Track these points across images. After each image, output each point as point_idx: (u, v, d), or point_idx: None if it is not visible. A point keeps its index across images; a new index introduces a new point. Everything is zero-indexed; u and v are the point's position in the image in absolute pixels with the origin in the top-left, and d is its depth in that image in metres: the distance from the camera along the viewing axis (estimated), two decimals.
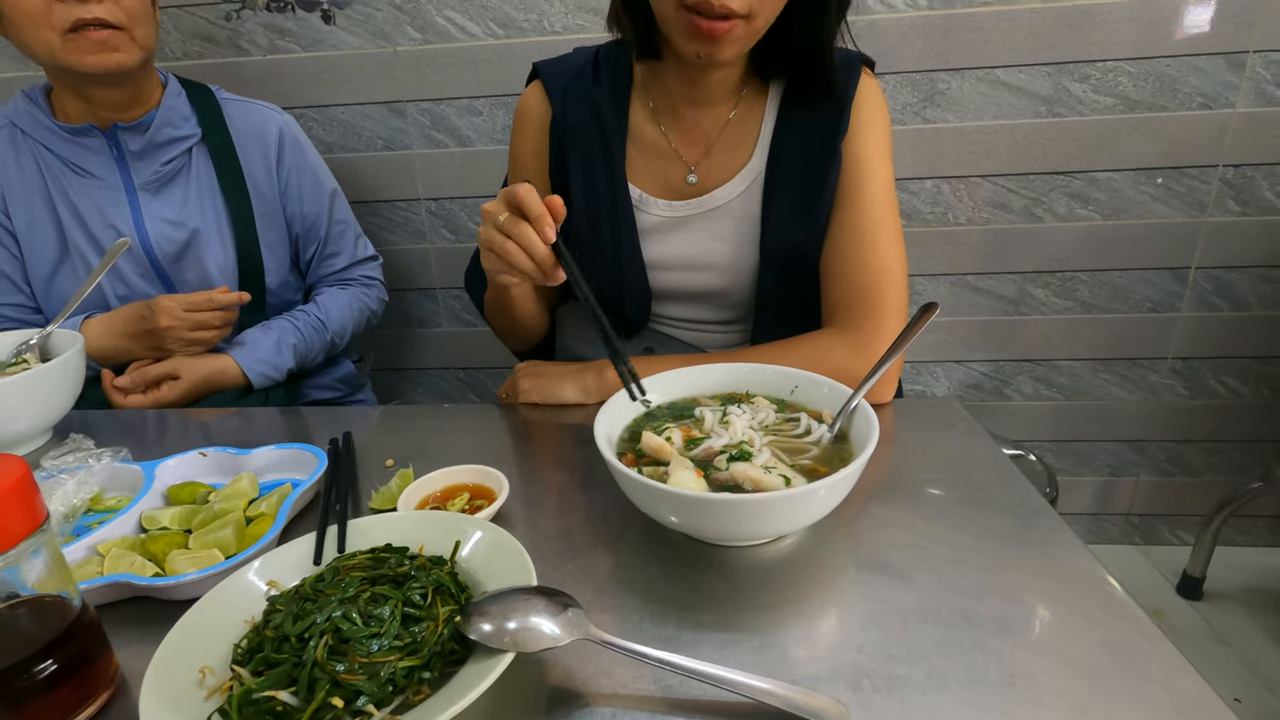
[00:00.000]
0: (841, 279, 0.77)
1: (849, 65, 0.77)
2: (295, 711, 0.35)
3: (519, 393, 0.77)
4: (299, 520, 0.57)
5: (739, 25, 0.67)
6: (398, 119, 1.32)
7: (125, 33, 0.90)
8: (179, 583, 0.46)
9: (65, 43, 0.88)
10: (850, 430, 0.54)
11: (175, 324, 0.93)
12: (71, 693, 0.39)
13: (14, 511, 0.35)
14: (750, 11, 0.66)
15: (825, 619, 0.45)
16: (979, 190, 1.27)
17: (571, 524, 0.55)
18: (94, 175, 0.98)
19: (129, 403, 0.92)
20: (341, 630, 0.37)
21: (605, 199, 0.83)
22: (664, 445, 0.52)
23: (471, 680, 0.36)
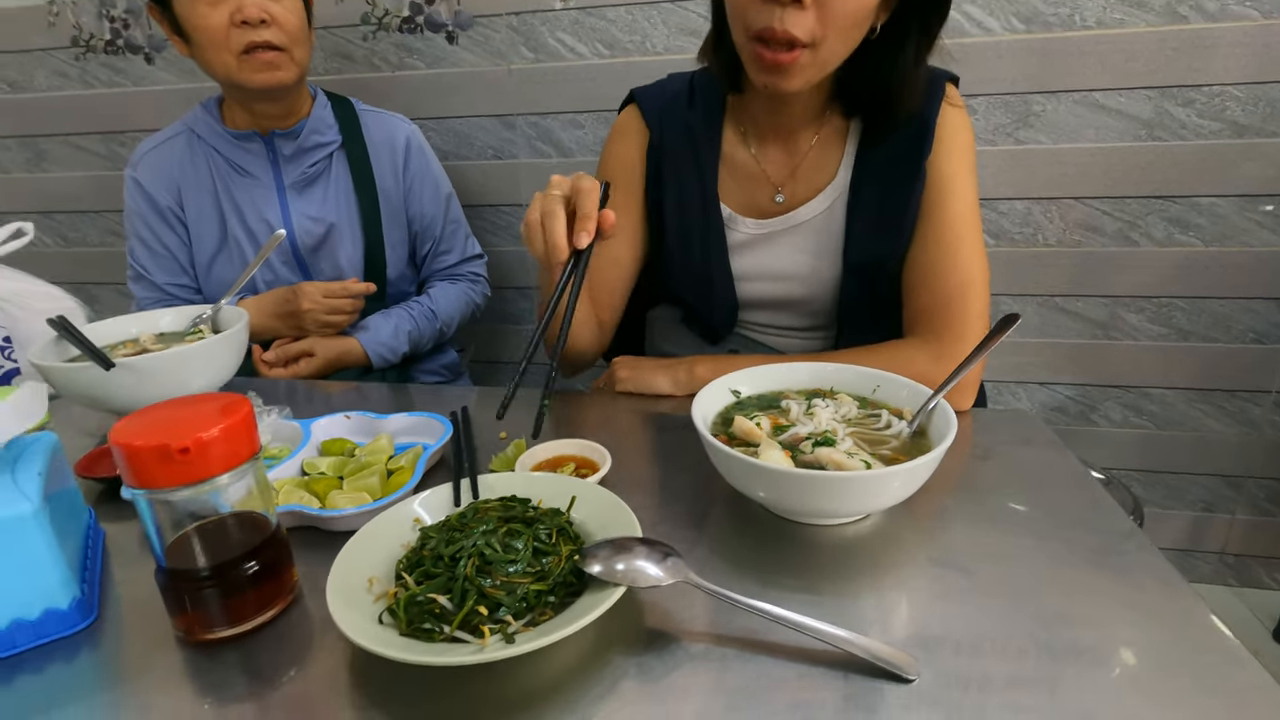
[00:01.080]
0: (924, 291, 0.80)
1: (932, 84, 0.80)
2: (449, 614, 0.42)
3: (616, 381, 0.84)
4: (428, 477, 0.65)
5: (804, 55, 0.69)
6: (507, 130, 1.43)
7: (287, 53, 1.04)
8: (342, 515, 0.55)
9: (239, 63, 1.02)
10: (929, 427, 0.59)
11: (314, 308, 1.06)
12: (267, 591, 0.48)
13: (242, 438, 0.44)
14: (814, 40, 0.68)
15: (899, 596, 0.49)
16: (1071, 212, 1.27)
17: (663, 498, 0.62)
18: (252, 175, 1.13)
19: (272, 374, 1.05)
20: (485, 555, 0.45)
21: (697, 217, 0.89)
22: (754, 429, 0.58)
23: (589, 606, 0.43)
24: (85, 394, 0.73)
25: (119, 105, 1.59)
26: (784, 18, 0.67)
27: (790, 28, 0.67)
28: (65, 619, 0.47)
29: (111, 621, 0.49)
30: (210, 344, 0.79)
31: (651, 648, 0.45)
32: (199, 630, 0.46)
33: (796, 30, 0.67)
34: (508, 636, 0.41)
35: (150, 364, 0.74)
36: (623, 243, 0.93)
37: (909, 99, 0.78)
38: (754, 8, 0.68)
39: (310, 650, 0.46)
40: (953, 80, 0.84)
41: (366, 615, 0.43)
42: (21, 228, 0.94)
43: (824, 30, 0.68)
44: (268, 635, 0.47)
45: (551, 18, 1.33)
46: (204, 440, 0.42)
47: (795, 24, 0.67)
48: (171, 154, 1.14)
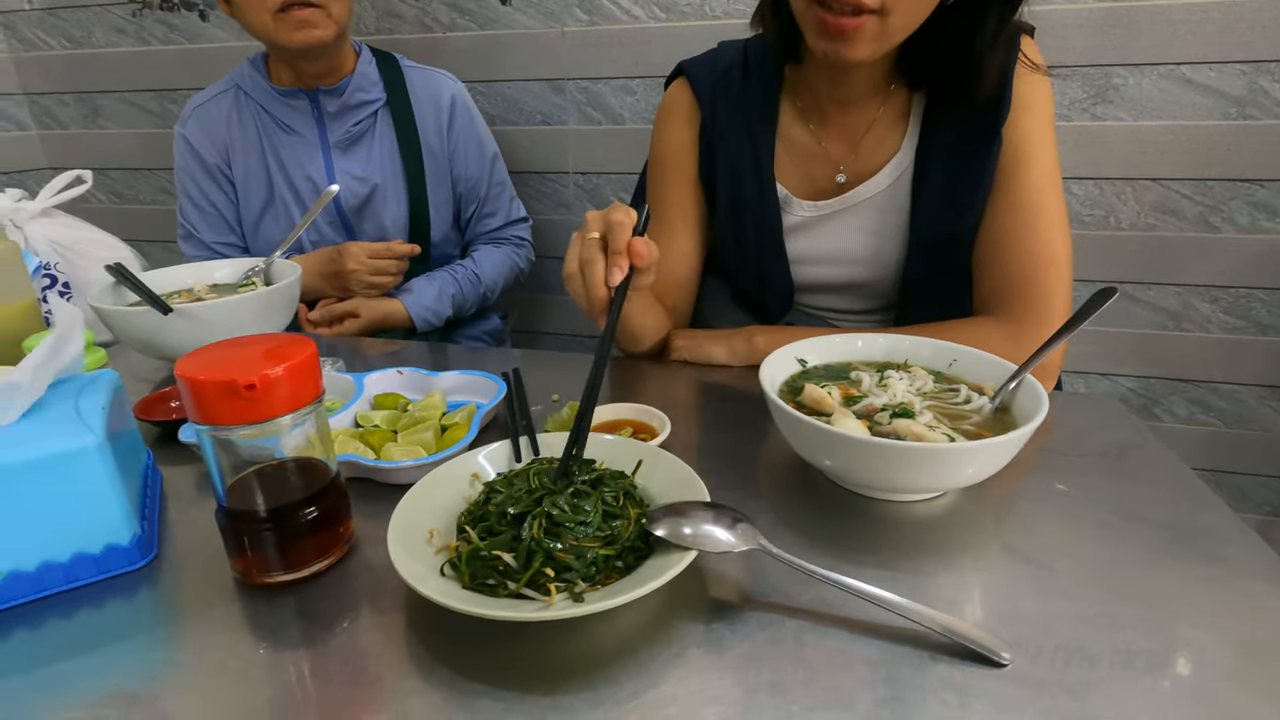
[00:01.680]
0: (999, 267, 0.76)
1: (1007, 41, 0.72)
2: (514, 572, 0.41)
3: (672, 350, 0.82)
4: (481, 436, 0.64)
5: (870, 21, 0.64)
6: (557, 95, 1.40)
7: (323, 10, 1.02)
8: (399, 466, 0.54)
9: (275, 21, 1.01)
10: (1013, 404, 0.55)
11: (359, 268, 1.05)
12: (325, 539, 0.47)
13: (307, 379, 0.43)
14: (883, 6, 0.63)
15: (977, 579, 0.46)
16: (1147, 194, 1.20)
17: (723, 466, 0.59)
18: (298, 133, 1.12)
19: (317, 334, 1.05)
20: (553, 515, 0.43)
21: (752, 200, 0.85)
22: (826, 397, 0.55)
23: (657, 570, 0.41)
24: (142, 339, 0.73)
25: (173, 62, 1.60)
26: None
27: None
28: (126, 555, 0.47)
29: (170, 561, 0.49)
30: (265, 294, 0.79)
31: (720, 616, 0.43)
32: (257, 573, 0.45)
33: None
34: (575, 595, 0.40)
35: (206, 311, 0.73)
36: (683, 232, 0.89)
37: (988, 75, 0.71)
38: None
39: (367, 600, 0.45)
40: (1027, 31, 0.76)
41: (428, 566, 0.42)
42: (81, 175, 0.95)
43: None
44: (324, 583, 0.46)
45: None
46: (270, 378, 0.40)
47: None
48: (219, 110, 1.14)
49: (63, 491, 0.44)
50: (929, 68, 0.75)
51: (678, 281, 0.90)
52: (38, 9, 1.63)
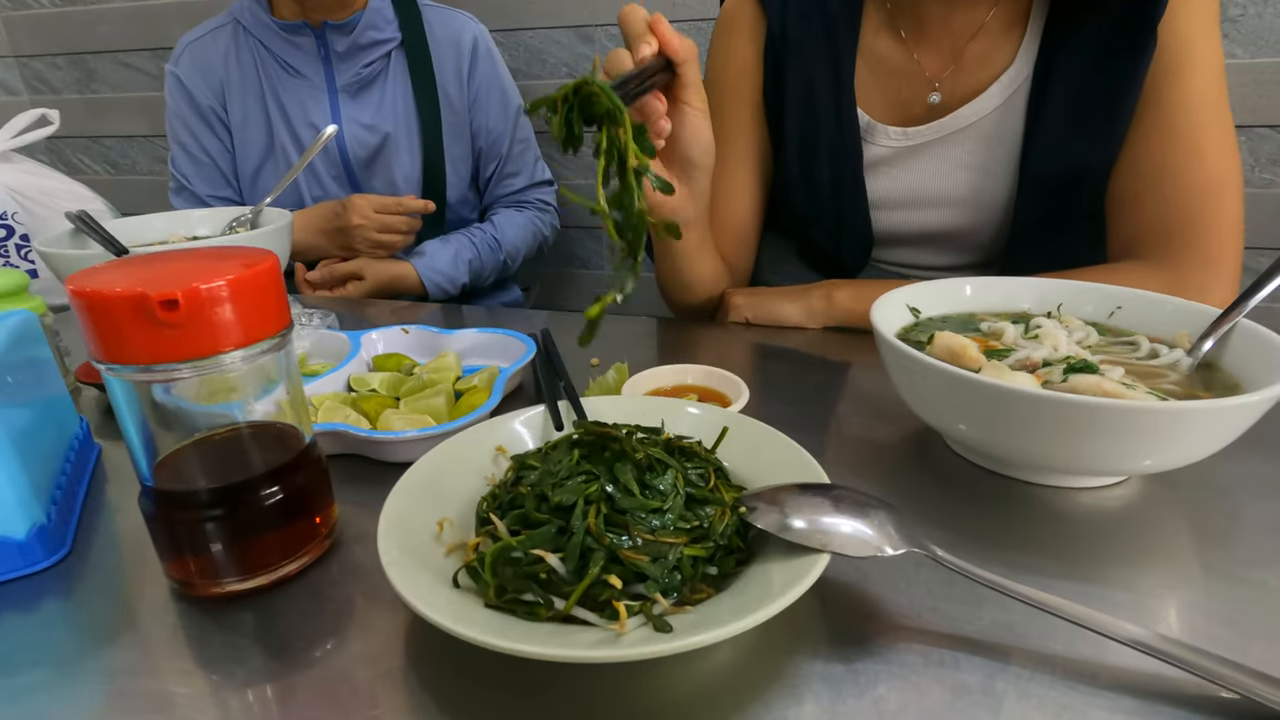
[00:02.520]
0: (1152, 200, 0.61)
1: None
2: (561, 580, 0.27)
3: (731, 310, 0.68)
4: (505, 405, 0.51)
5: None
6: (585, 44, 1.27)
7: None
8: (400, 438, 0.41)
9: None
10: (1221, 360, 0.41)
11: (365, 223, 0.93)
12: (296, 531, 0.34)
13: (265, 300, 0.30)
14: None
15: (1226, 594, 0.33)
16: (1264, 144, 1.05)
17: (821, 445, 0.46)
18: (302, 74, 0.99)
19: (317, 297, 0.92)
20: (615, 498, 0.29)
21: (828, 128, 0.71)
22: (968, 347, 0.41)
23: (767, 581, 0.28)
24: None
25: (171, 16, 1.48)
26: None
27: None
28: (22, 552, 0.34)
29: (91, 562, 0.36)
30: (242, 239, 0.66)
31: (860, 647, 0.29)
32: (200, 581, 0.33)
33: None
34: (656, 621, 0.26)
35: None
36: (743, 169, 0.76)
37: None
38: None
39: (353, 618, 0.32)
40: None
41: (436, 574, 0.29)
42: (47, 114, 0.83)
43: None
44: (296, 592, 0.33)
45: None
46: (201, 294, 0.27)
47: None
48: (215, 47, 1.01)
49: None
50: None
51: (736, 228, 0.76)
52: None
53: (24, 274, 0.52)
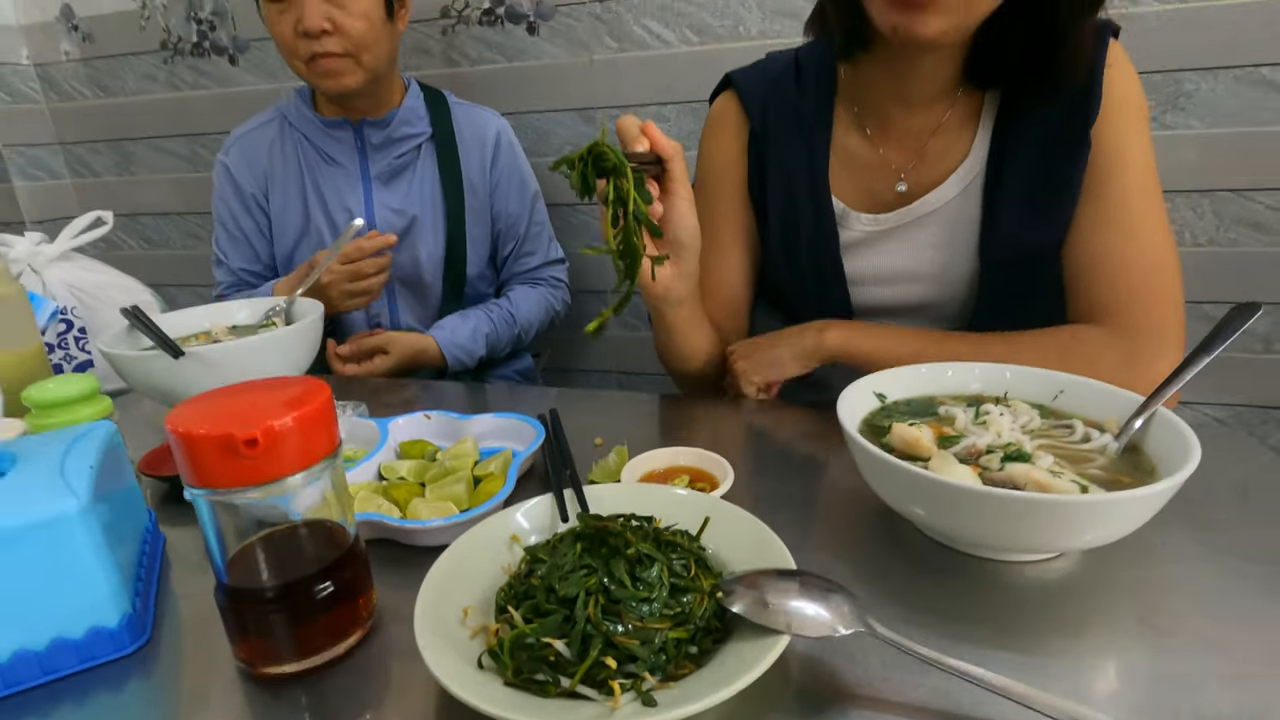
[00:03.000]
0: (1100, 282, 0.67)
1: (1096, 35, 0.66)
2: (567, 663, 0.33)
3: (738, 377, 0.74)
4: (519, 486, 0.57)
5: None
6: (587, 125, 1.36)
7: (352, 58, 1.01)
8: (428, 527, 0.47)
9: (307, 68, 1.00)
10: (1144, 443, 0.47)
11: (334, 278, 0.98)
12: (343, 617, 0.40)
13: (320, 430, 0.37)
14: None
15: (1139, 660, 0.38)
16: (1227, 207, 1.11)
17: (798, 520, 0.51)
18: (339, 164, 1.09)
19: (346, 370, 1.00)
20: (610, 590, 0.35)
21: (807, 214, 0.79)
22: (920, 439, 0.47)
23: (740, 658, 0.33)
24: (153, 385, 0.68)
25: (203, 107, 1.60)
26: None
27: None
28: (114, 639, 0.40)
29: (166, 645, 0.42)
30: (282, 334, 0.74)
31: (820, 713, 0.34)
32: (263, 662, 0.38)
33: None
34: (645, 696, 0.32)
35: (220, 354, 0.68)
36: (733, 248, 0.84)
37: (1079, 63, 0.65)
38: None
39: (392, 693, 0.38)
40: (1114, 31, 0.70)
41: (463, 656, 0.35)
42: (101, 216, 0.92)
43: None
44: (342, 671, 0.39)
45: (638, 4, 1.26)
46: (275, 431, 0.34)
47: None
48: (262, 140, 1.13)
49: (40, 566, 0.37)
50: (1005, 64, 0.69)
51: (729, 302, 0.83)
52: (74, 60, 1.65)
53: (95, 379, 0.59)
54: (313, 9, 0.95)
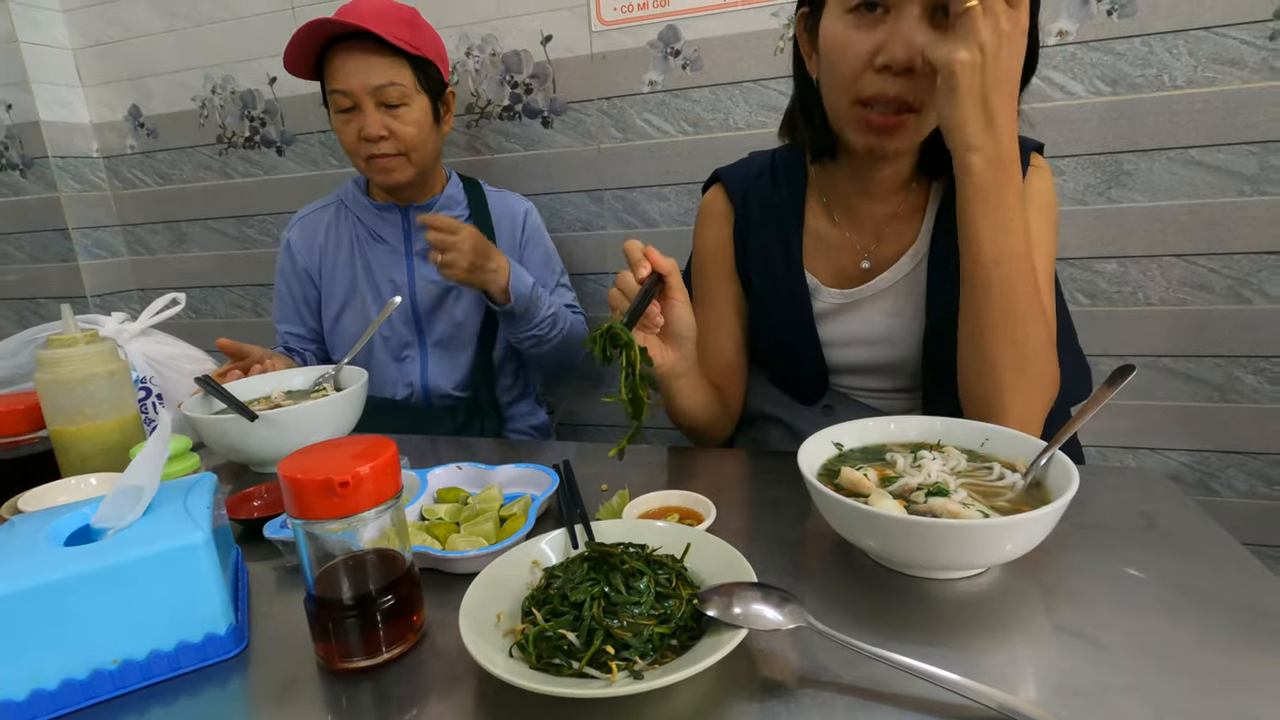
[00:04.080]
0: None
1: None
2: (577, 650, 0.44)
3: None
4: (537, 524, 0.68)
5: (910, 119, 0.74)
6: (595, 204, 1.52)
7: (404, 157, 1.19)
8: (464, 556, 0.58)
9: (366, 165, 1.19)
10: (1045, 479, 0.57)
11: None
12: (401, 625, 0.50)
13: (389, 477, 0.48)
14: (923, 106, 0.73)
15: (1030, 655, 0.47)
16: (1173, 270, 1.23)
17: (768, 549, 0.62)
18: (386, 242, 1.27)
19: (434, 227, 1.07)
20: (609, 595, 0.46)
21: (784, 288, 0.92)
22: (863, 479, 0.58)
23: (711, 648, 0.44)
24: (229, 444, 0.80)
25: (251, 192, 1.78)
26: (895, 83, 0.72)
27: (903, 93, 0.72)
28: (223, 644, 0.51)
29: (258, 650, 0.53)
30: (337, 399, 0.86)
31: (773, 694, 0.45)
32: (338, 659, 0.49)
33: (909, 95, 0.72)
34: (635, 673, 0.42)
35: (286, 417, 0.80)
36: (725, 319, 0.97)
37: None
38: (865, 75, 0.73)
39: (438, 684, 0.48)
40: (1037, 149, 0.85)
41: (497, 648, 0.45)
42: (176, 297, 1.06)
43: (931, 96, 0.72)
44: (399, 668, 0.50)
45: (639, 100, 1.43)
46: (360, 476, 0.46)
47: (907, 89, 0.72)
48: (320, 220, 1.32)
49: (173, 584, 0.49)
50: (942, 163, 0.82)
51: (726, 364, 0.96)
52: (138, 152, 1.85)
53: (188, 439, 0.71)
54: (373, 120, 1.14)
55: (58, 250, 1.87)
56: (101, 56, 1.80)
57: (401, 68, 1.15)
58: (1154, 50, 1.16)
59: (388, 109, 1.15)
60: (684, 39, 1.37)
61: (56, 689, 0.46)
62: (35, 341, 1.03)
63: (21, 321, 2.01)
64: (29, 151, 1.81)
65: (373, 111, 1.14)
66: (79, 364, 0.74)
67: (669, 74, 1.40)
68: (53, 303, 1.95)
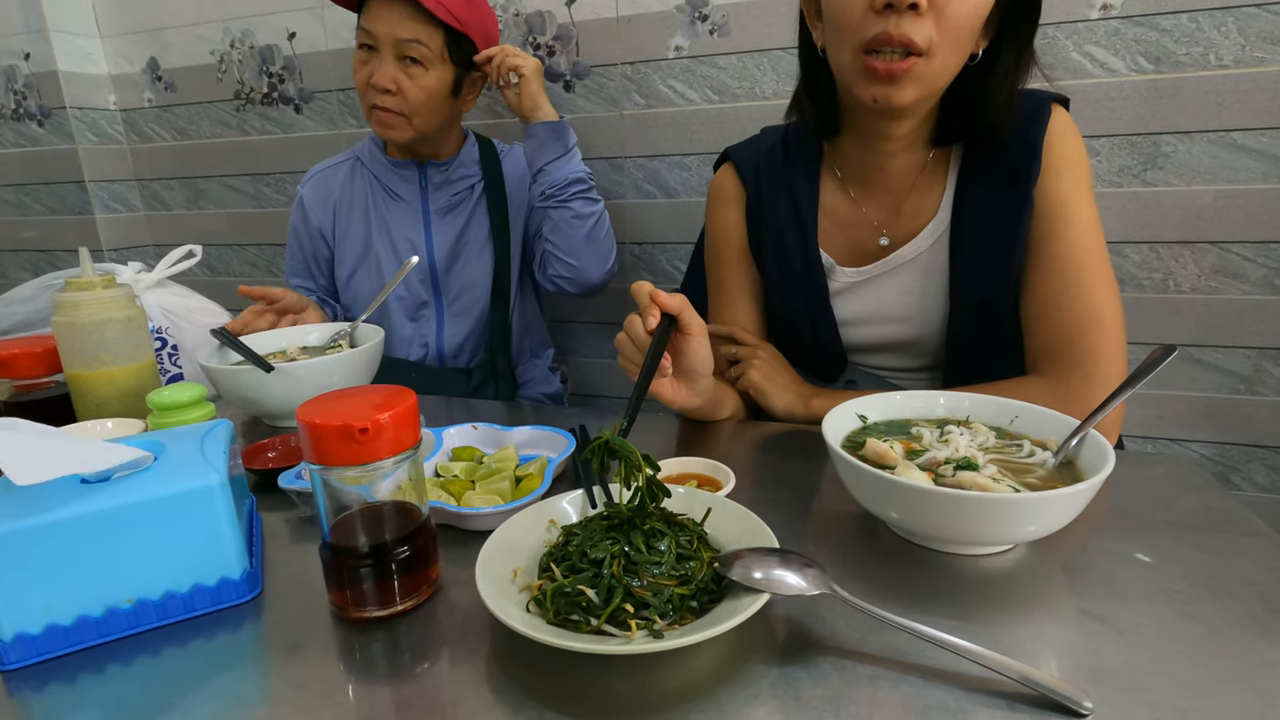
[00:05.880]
0: (1043, 329, 0.77)
1: (1036, 110, 0.77)
2: (596, 607, 0.43)
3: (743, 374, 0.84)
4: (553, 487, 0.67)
5: (918, 64, 0.69)
6: (616, 172, 1.49)
7: (404, 118, 1.16)
8: (481, 513, 0.57)
9: (369, 113, 1.16)
10: (1077, 459, 0.56)
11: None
12: (416, 577, 0.50)
13: (409, 426, 0.47)
14: (929, 49, 0.68)
15: (1057, 633, 0.46)
16: (1206, 257, 1.20)
17: (789, 519, 0.61)
18: (403, 199, 1.26)
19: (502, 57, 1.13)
20: (630, 554, 0.45)
21: (799, 268, 0.89)
22: (889, 451, 0.57)
23: (731, 611, 0.43)
24: (244, 395, 0.80)
25: (268, 150, 1.76)
26: (899, 24, 0.67)
27: (908, 33, 0.67)
28: (237, 588, 0.51)
29: (272, 597, 0.53)
30: (353, 354, 0.85)
31: (793, 660, 0.44)
32: (352, 608, 0.49)
33: (914, 35, 0.67)
34: (654, 633, 0.41)
35: (302, 370, 0.80)
36: (740, 300, 0.95)
37: (998, 126, 0.76)
38: (868, 17, 0.69)
39: (452, 637, 0.47)
40: (1062, 102, 0.80)
41: (513, 603, 0.45)
42: (192, 249, 1.05)
43: (939, 38, 0.68)
44: (412, 620, 0.49)
45: (664, 66, 1.39)
46: (380, 423, 0.45)
47: (912, 29, 0.67)
48: (335, 177, 1.30)
49: (189, 526, 0.48)
50: (961, 119, 0.79)
51: None
52: (155, 106, 1.83)
53: (204, 388, 0.71)
54: (386, 70, 1.12)
55: (74, 203, 1.86)
56: (120, 6, 1.77)
57: (435, 32, 1.12)
58: (1201, 27, 1.11)
59: (409, 63, 1.13)
60: (712, 3, 1.34)
61: (71, 625, 0.46)
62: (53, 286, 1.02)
63: (37, 273, 2.01)
64: (47, 102, 1.79)
65: (390, 61, 1.12)
66: (96, 308, 0.74)
67: (696, 40, 1.36)
68: (69, 256, 1.95)
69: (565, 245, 1.22)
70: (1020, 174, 0.77)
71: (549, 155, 1.19)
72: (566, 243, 1.21)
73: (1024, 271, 0.78)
